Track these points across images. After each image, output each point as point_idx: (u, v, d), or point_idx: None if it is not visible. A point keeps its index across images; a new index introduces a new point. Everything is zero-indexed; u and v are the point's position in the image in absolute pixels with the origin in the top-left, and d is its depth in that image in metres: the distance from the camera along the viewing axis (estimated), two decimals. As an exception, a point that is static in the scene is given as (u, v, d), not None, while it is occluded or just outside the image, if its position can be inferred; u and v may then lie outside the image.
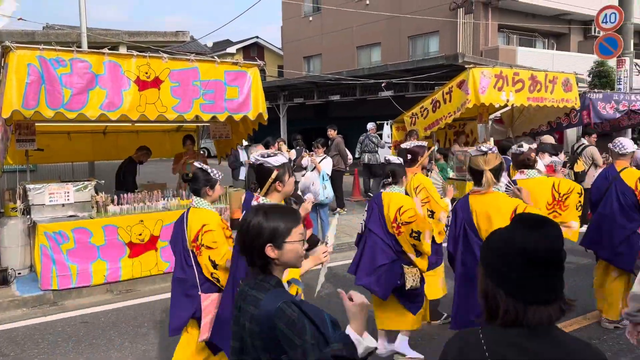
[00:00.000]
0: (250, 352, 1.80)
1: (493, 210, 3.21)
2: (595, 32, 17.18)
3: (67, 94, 5.30)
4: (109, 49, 5.86)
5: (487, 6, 18.60)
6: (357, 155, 12.71)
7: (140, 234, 6.35)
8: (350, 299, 1.80)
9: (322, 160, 8.02)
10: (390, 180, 4.08)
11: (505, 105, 10.47)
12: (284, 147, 8.92)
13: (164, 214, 6.56)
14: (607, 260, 5.00)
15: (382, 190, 4.18)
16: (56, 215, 6.30)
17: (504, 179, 3.65)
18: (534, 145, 4.82)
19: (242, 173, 9.90)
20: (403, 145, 4.76)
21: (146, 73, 5.67)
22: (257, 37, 33.46)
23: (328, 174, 7.98)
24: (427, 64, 12.18)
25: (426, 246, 3.90)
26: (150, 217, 6.46)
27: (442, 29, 19.67)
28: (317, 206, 7.87)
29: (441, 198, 4.61)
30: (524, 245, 1.31)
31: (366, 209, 4.31)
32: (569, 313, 1.37)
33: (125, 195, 6.46)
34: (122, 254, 6.28)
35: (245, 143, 8.88)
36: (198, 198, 3.47)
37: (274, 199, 2.88)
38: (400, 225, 3.91)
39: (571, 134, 12.87)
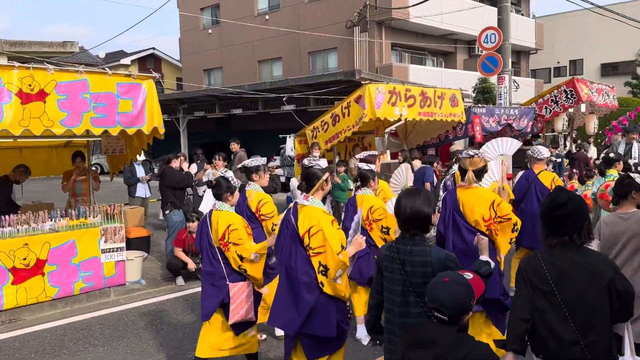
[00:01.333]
0: (416, 286, 2.68)
1: (476, 200, 4.02)
2: (478, 51, 18.64)
3: None
4: (-15, 59, 5.39)
5: (380, 25, 19.52)
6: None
7: (24, 258, 5.86)
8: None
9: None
10: (359, 184, 4.81)
11: (399, 120, 11.02)
12: (185, 164, 8.67)
13: (51, 235, 6.10)
14: (528, 248, 5.76)
15: (356, 192, 4.87)
16: None
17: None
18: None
19: (140, 190, 9.47)
20: (357, 156, 5.32)
21: (30, 85, 5.28)
22: (153, 48, 32.38)
23: (230, 189, 7.88)
24: (326, 79, 12.54)
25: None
26: (36, 239, 5.97)
27: (340, 46, 20.32)
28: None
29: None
30: (547, 208, 2.57)
31: (344, 210, 5.06)
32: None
33: (7, 217, 5.94)
34: (4, 280, 5.74)
35: (141, 158, 8.52)
36: (220, 202, 3.95)
37: (318, 196, 3.39)
38: (371, 222, 4.63)
39: (458, 145, 13.79)
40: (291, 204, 3.50)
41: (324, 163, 3.47)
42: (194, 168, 9.52)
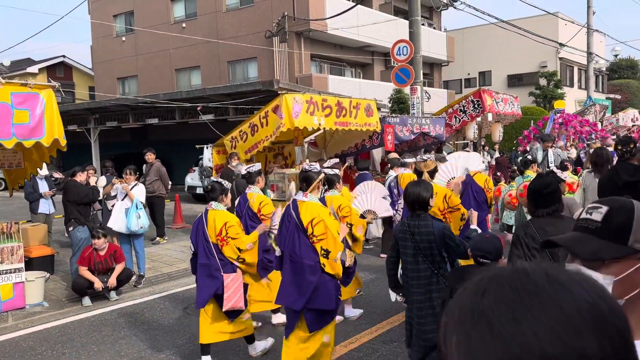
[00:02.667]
0: (423, 249, 3.74)
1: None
2: (393, 63, 19.25)
3: None
4: None
5: (299, 36, 19.70)
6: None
7: None
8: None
9: (133, 187, 7.58)
10: (327, 187, 5.34)
11: (318, 129, 11.14)
12: (92, 177, 8.22)
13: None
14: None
15: (324, 194, 5.33)
16: None
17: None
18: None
19: (43, 206, 8.87)
20: (325, 164, 6.08)
21: None
22: (63, 56, 30.70)
23: (142, 202, 7.57)
24: (245, 89, 12.42)
25: (360, 236, 5.24)
26: None
27: (260, 56, 20.27)
28: (131, 237, 7.40)
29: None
30: (539, 187, 3.23)
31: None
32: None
33: None
34: None
35: (43, 172, 7.99)
36: (216, 203, 4.56)
37: (314, 194, 4.19)
38: (340, 218, 5.09)
39: (377, 154, 14.15)
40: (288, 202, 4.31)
41: (316, 168, 4.29)
42: (103, 181, 9.06)
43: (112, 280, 6.58)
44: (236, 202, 5.61)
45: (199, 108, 12.04)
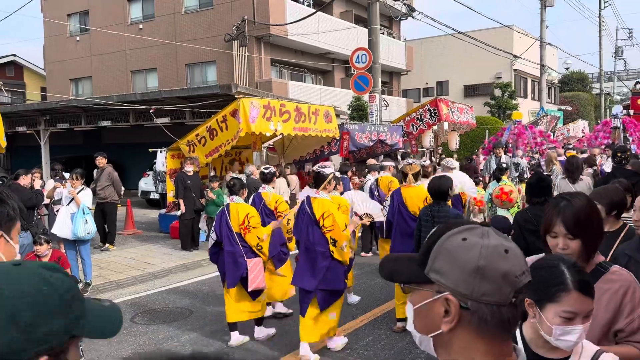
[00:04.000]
0: None
1: (414, 196, 5.51)
2: (353, 70, 19.38)
3: None
4: None
5: (259, 41, 19.57)
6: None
7: None
8: None
9: (80, 191, 7.28)
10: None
11: (275, 135, 11.06)
12: (38, 181, 7.83)
13: None
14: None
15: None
16: None
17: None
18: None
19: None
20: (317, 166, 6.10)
21: None
22: (14, 55, 29.50)
23: (89, 207, 7.27)
24: (202, 92, 12.19)
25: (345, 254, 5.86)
26: None
27: (219, 59, 20.02)
28: (77, 243, 7.10)
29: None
30: (535, 182, 4.28)
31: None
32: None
33: None
34: None
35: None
36: (237, 197, 5.25)
37: (324, 191, 4.88)
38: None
39: (336, 160, 14.16)
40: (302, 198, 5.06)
41: (329, 170, 4.95)
42: (51, 184, 8.70)
43: None
44: (250, 200, 6.01)
45: (151, 110, 11.74)
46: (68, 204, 7.07)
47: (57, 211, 7.33)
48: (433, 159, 14.97)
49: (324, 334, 4.88)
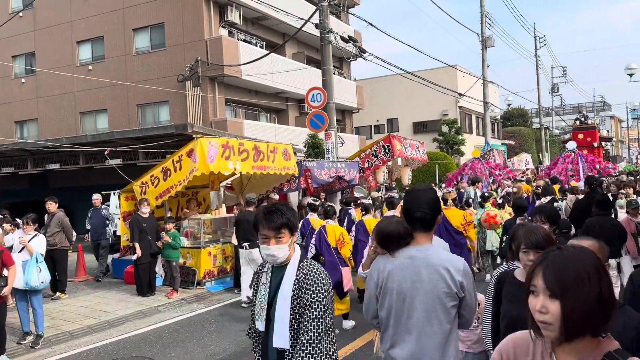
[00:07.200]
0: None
1: (454, 215, 7.57)
2: (307, 109, 19.68)
3: None
4: None
5: (213, 81, 19.62)
6: (87, 227, 11.64)
7: None
8: None
9: (32, 238, 6.94)
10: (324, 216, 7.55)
11: (234, 174, 10.99)
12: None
13: None
14: None
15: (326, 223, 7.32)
16: None
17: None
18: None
19: None
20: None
21: None
22: (-48, 96, 28.26)
23: (42, 254, 6.93)
24: (156, 132, 12.02)
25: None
26: None
27: (172, 99, 19.88)
28: (28, 293, 6.71)
29: None
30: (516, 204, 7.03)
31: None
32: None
33: None
34: None
35: None
36: (331, 220, 7.15)
37: (332, 220, 7.26)
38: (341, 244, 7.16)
39: (293, 197, 14.17)
40: (316, 225, 7.21)
41: (336, 203, 7.30)
42: (-3, 232, 8.23)
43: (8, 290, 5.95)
44: (299, 224, 6.78)
45: (106, 152, 11.45)
46: (20, 252, 6.70)
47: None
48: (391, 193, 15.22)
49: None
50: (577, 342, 1.43)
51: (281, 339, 2.54)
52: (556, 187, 12.11)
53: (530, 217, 4.77)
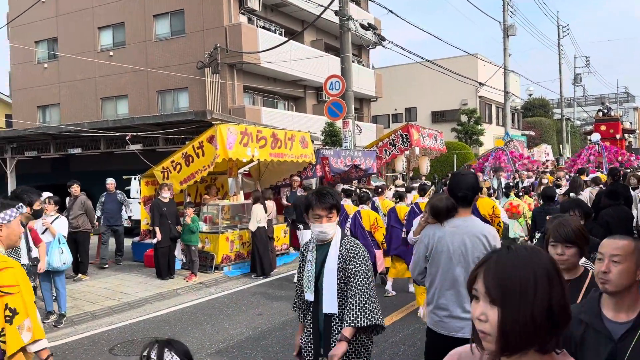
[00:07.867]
0: None
1: (484, 204, 6.80)
2: (325, 97, 19.68)
3: None
4: None
5: (232, 68, 19.70)
6: (99, 214, 11.83)
7: None
8: None
9: (54, 220, 7.12)
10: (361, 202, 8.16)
11: (252, 160, 11.08)
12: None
13: None
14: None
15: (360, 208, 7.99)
16: None
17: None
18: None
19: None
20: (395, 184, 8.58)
21: None
22: (-23, 81, 28.81)
23: (64, 236, 7.11)
24: (176, 119, 12.17)
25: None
26: None
27: (192, 86, 20.03)
28: (51, 274, 6.90)
29: None
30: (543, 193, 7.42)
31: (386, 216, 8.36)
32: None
33: None
34: None
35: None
36: (365, 205, 7.84)
37: (367, 205, 7.98)
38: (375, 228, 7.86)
39: (308, 184, 14.22)
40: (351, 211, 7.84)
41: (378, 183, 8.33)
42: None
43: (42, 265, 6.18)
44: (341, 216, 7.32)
45: (127, 137, 11.62)
46: (42, 233, 6.89)
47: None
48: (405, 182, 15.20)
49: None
50: (518, 357, 1.23)
51: (330, 305, 2.99)
52: (582, 177, 12.02)
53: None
